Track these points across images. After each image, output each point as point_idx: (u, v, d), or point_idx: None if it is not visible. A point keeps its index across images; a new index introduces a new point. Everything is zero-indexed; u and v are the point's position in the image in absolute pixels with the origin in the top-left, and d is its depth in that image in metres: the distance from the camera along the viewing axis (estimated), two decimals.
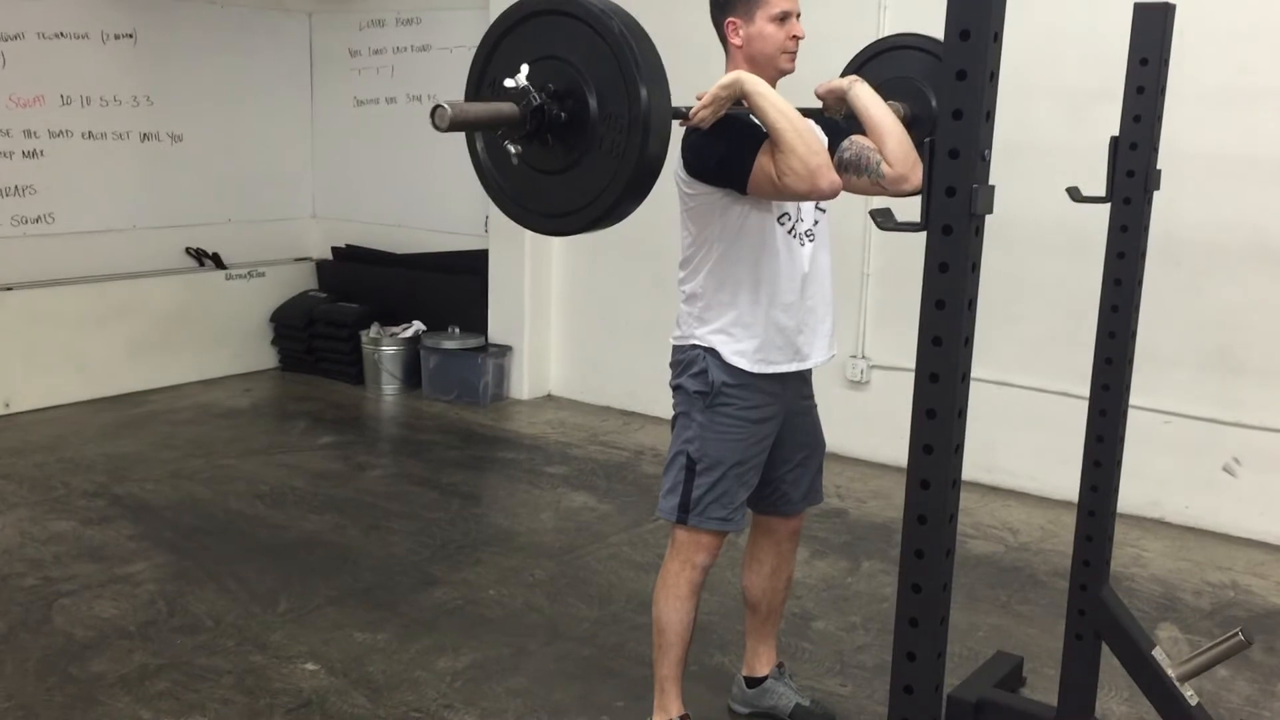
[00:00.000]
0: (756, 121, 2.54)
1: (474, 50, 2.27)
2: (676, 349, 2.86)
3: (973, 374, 2.02)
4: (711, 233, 2.71)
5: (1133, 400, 2.92)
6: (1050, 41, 4.73)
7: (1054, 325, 4.88)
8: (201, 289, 6.85)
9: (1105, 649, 2.94)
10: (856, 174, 2.68)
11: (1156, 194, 2.77)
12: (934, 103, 2.88)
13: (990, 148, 1.90)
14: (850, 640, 3.64)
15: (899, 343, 5.22)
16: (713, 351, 2.76)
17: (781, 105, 2.48)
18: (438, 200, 7.03)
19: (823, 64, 3.04)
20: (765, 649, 3.14)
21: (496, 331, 6.60)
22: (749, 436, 2.79)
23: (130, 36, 6.55)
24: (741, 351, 2.74)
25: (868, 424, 5.41)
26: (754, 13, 2.67)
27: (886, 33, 5.03)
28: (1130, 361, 2.84)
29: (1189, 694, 2.84)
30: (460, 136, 2.31)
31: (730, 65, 2.72)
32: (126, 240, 6.65)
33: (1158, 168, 2.76)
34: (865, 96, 2.68)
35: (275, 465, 5.29)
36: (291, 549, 4.32)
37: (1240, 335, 4.59)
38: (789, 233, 2.73)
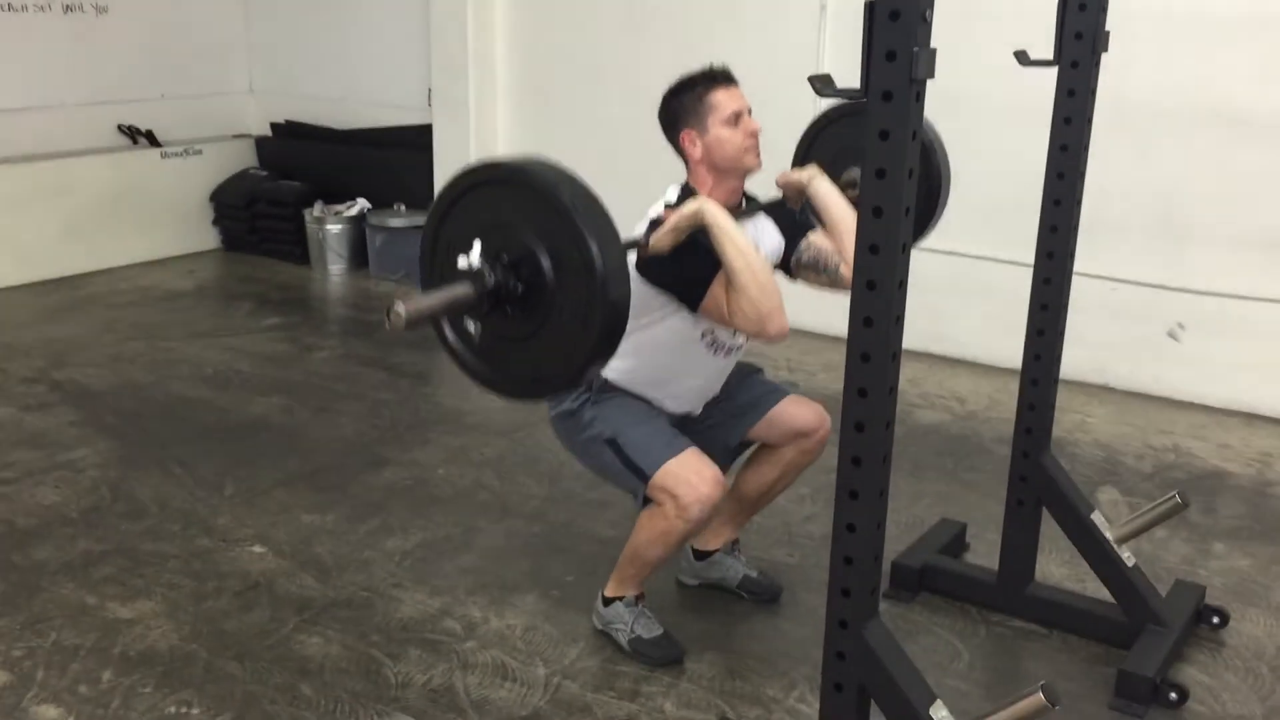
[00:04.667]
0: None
1: None
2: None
3: (919, 244, 1.99)
4: (635, 312, 2.63)
5: (1078, 267, 2.91)
6: None
7: (1001, 194, 4.83)
8: (136, 168, 6.64)
9: (1047, 514, 2.98)
10: (815, 273, 2.78)
11: (1105, 57, 2.72)
12: None
13: (931, 8, 1.83)
14: (799, 511, 3.68)
15: None
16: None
17: (740, 243, 2.46)
18: (379, 73, 6.81)
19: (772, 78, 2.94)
20: (728, 531, 3.15)
21: None
22: (649, 409, 2.78)
23: None
24: (625, 382, 2.77)
25: (819, 296, 5.38)
26: (706, 121, 2.65)
27: (828, 41, 4.98)
28: (1075, 229, 2.82)
29: (1126, 556, 2.90)
30: (402, 4, 2.19)
31: (692, 177, 2.71)
32: (54, 118, 6.41)
33: (1106, 29, 2.70)
34: (826, 193, 2.70)
35: (220, 348, 5.21)
36: (237, 432, 4.27)
37: (1186, 200, 4.58)
38: (709, 345, 2.76)
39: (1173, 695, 2.67)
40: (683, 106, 2.68)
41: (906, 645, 2.33)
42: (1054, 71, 2.73)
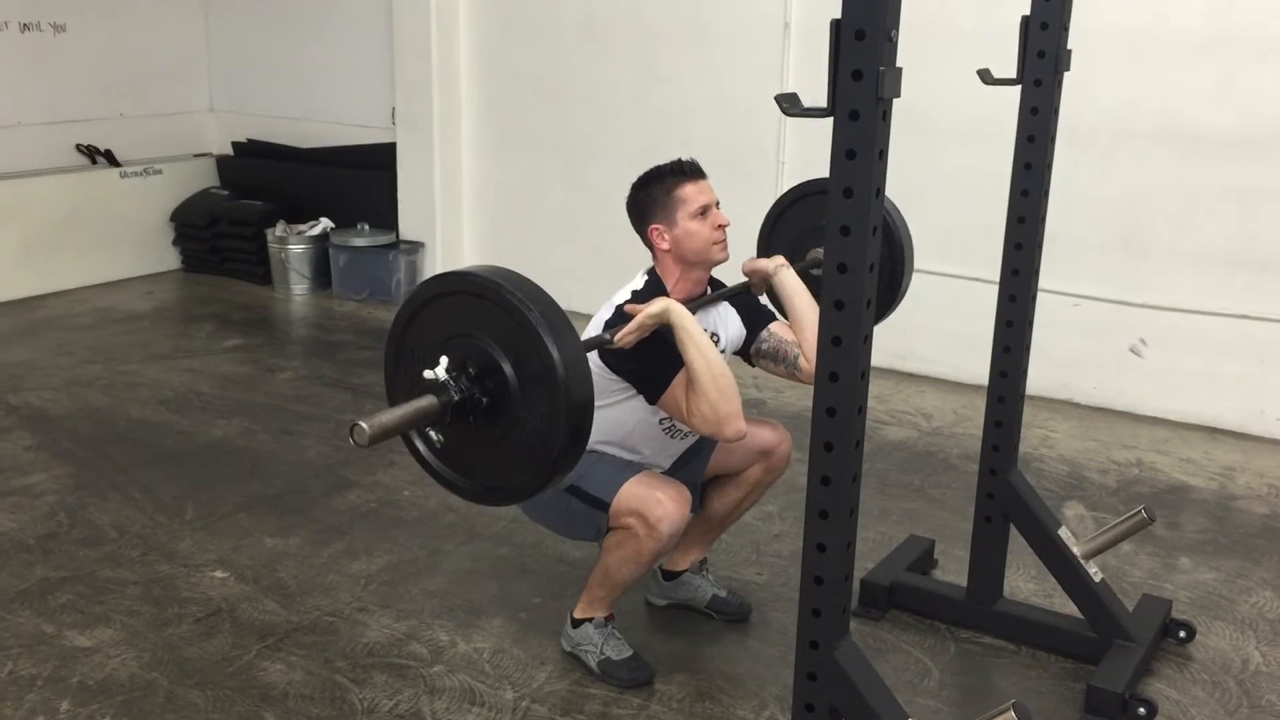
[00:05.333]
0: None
1: None
2: None
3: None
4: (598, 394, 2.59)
5: (1041, 283, 2.93)
6: None
7: (966, 211, 4.88)
8: (95, 188, 6.56)
9: (1014, 530, 2.99)
10: (774, 362, 2.78)
11: (1066, 75, 2.74)
12: None
13: (897, 28, 1.83)
14: (767, 529, 3.67)
15: None
16: None
17: (704, 347, 2.48)
18: (342, 92, 6.78)
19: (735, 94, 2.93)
20: (695, 551, 3.14)
21: (408, 227, 6.44)
22: (597, 455, 2.75)
23: None
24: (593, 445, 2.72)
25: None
26: (674, 215, 2.66)
27: (793, 59, 5.03)
28: (1040, 246, 2.84)
29: (1094, 571, 2.91)
30: (364, 26, 2.19)
31: (659, 266, 2.73)
32: (10, 138, 6.32)
33: (1068, 48, 2.72)
34: (790, 284, 2.74)
35: (180, 370, 5.14)
36: (198, 456, 4.21)
37: (1146, 217, 4.63)
38: (667, 431, 2.77)
39: (1141, 710, 2.67)
40: (651, 199, 2.70)
41: (877, 663, 2.32)
42: (1017, 90, 2.74)
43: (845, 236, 1.92)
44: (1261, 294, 4.45)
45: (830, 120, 1.87)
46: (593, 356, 2.59)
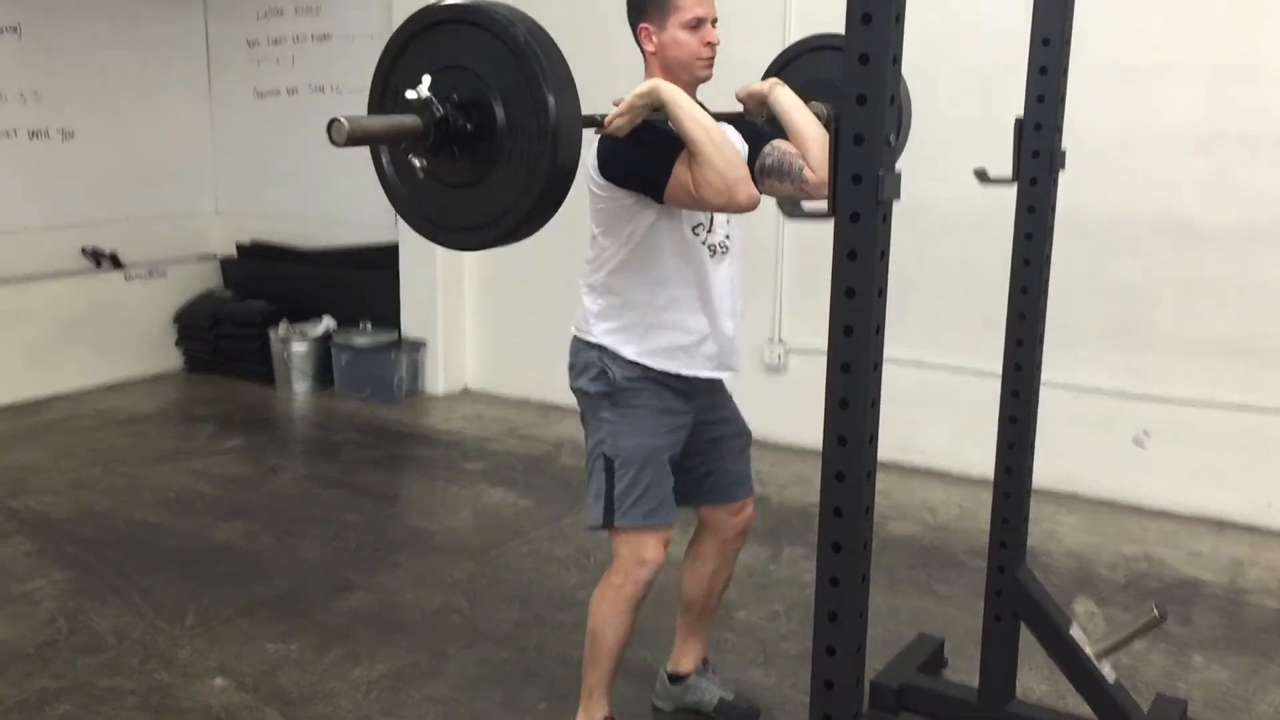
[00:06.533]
0: (673, 130, 2.48)
1: (376, 39, 2.20)
2: (574, 345, 2.80)
3: (887, 354, 1.99)
4: (620, 234, 2.65)
5: (1043, 376, 2.93)
6: (954, 22, 4.74)
7: (965, 304, 4.91)
8: (99, 290, 6.62)
9: (1025, 628, 2.95)
10: (779, 179, 2.64)
11: (1062, 170, 2.78)
12: None
13: (895, 132, 1.86)
14: (773, 629, 3.62)
15: (816, 326, 5.18)
16: (609, 352, 2.70)
17: (699, 116, 2.43)
18: (345, 193, 6.87)
19: (734, 66, 2.98)
20: (693, 646, 3.10)
21: (410, 326, 6.48)
22: (659, 426, 2.73)
23: (15, 31, 6.30)
24: (642, 352, 2.69)
25: (786, 409, 5.39)
26: (666, 19, 2.61)
27: (793, 26, 5.09)
28: (1041, 341, 2.85)
29: (1107, 671, 2.86)
30: None
31: (648, 72, 2.66)
32: (17, 242, 6.40)
33: (1062, 148, 2.76)
34: (786, 100, 2.64)
35: (181, 471, 5.13)
36: (199, 559, 4.18)
37: (1145, 308, 4.66)
38: (702, 243, 2.68)
39: None
40: None
41: None
42: (1012, 186, 2.78)
43: (848, 337, 1.93)
44: (1264, 386, 4.45)
45: None
46: (593, 181, 2.60)
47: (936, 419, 5.07)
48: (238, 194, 7.39)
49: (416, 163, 2.08)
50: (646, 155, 2.51)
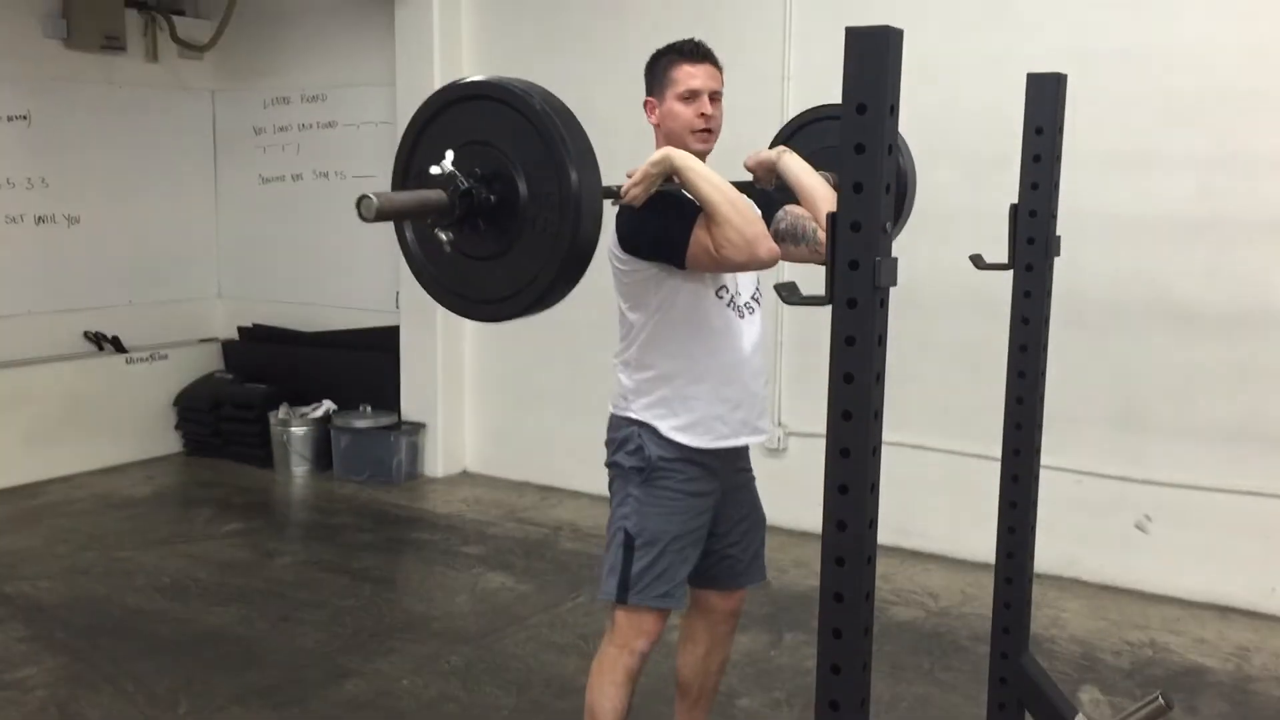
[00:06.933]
0: (689, 196, 2.53)
1: (380, 127, 2.24)
2: (613, 422, 2.81)
3: (887, 438, 1.99)
4: (648, 307, 2.68)
5: (1044, 460, 2.92)
6: (949, 110, 4.82)
7: (964, 387, 4.92)
8: (101, 374, 6.62)
9: (1029, 717, 2.90)
10: (794, 243, 2.69)
11: (1058, 256, 2.80)
12: None
13: (891, 220, 1.89)
14: (775, 717, 3.57)
15: (815, 409, 5.19)
16: (649, 427, 2.72)
17: (713, 178, 2.48)
18: (347, 277, 6.93)
19: (736, 138, 3.03)
20: None
21: (409, 408, 6.48)
22: (688, 510, 2.73)
23: (25, 118, 6.39)
24: (679, 427, 2.70)
25: (786, 492, 5.33)
26: (665, 92, 2.70)
27: (791, 104, 5.17)
28: (1040, 425, 2.85)
29: None
30: None
31: (656, 145, 2.73)
32: (19, 326, 6.41)
33: (1058, 234, 2.78)
34: (795, 166, 2.69)
35: (177, 556, 5.09)
36: (194, 645, 4.13)
37: (1145, 392, 4.66)
38: (728, 305, 2.71)
39: None
40: (653, 72, 2.75)
41: None
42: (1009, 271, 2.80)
43: (847, 422, 1.93)
44: (1266, 470, 4.44)
45: None
46: (616, 257, 2.64)
47: (937, 503, 5.05)
48: (240, 277, 7.44)
49: (443, 237, 2.12)
50: (664, 222, 2.55)
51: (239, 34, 6.94)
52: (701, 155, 2.68)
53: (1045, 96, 2.70)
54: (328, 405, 6.63)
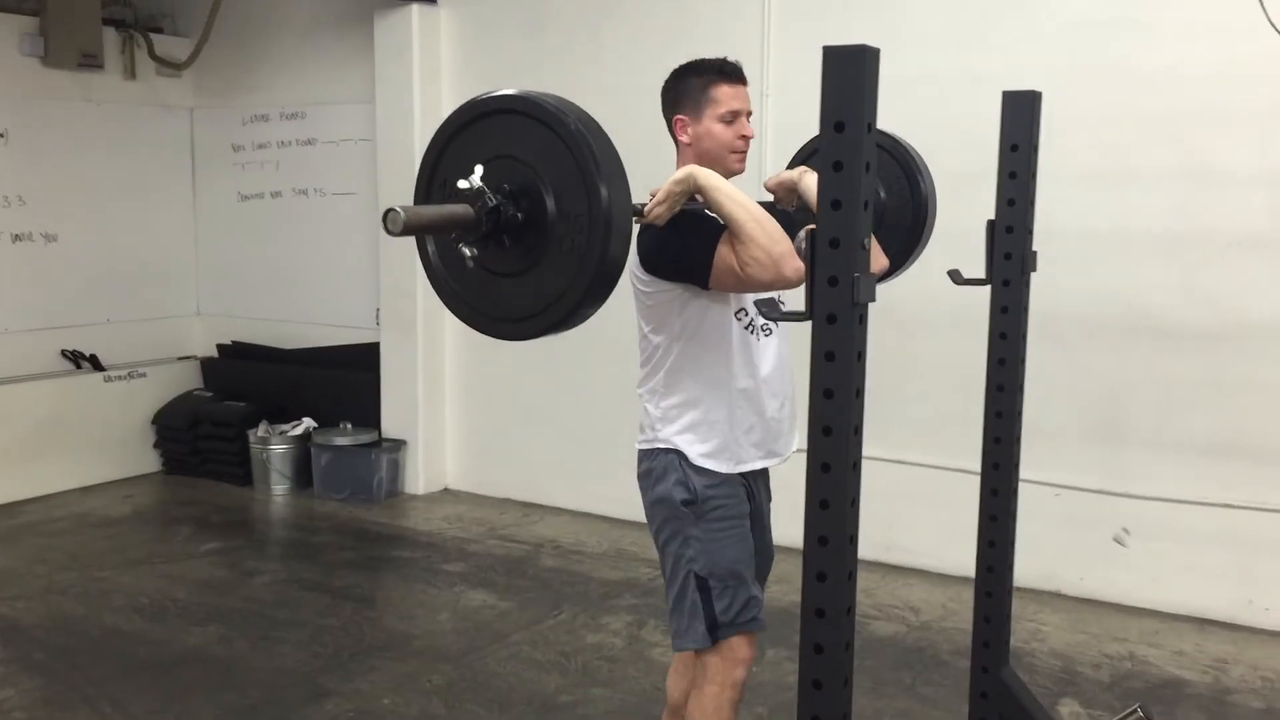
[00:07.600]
0: (711, 215, 2.51)
1: (359, 144, 2.22)
2: (644, 454, 2.75)
3: (867, 453, 2.01)
4: (670, 331, 2.65)
5: (1023, 474, 2.95)
6: (926, 127, 4.80)
7: (945, 402, 4.94)
8: (78, 392, 6.58)
9: None
10: None
11: (1034, 272, 2.82)
12: (882, 194, 2.92)
13: (870, 236, 1.90)
14: None
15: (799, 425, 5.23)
16: (681, 454, 2.68)
17: (738, 196, 2.46)
18: (327, 294, 6.91)
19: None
20: None
21: (390, 426, 6.47)
22: (743, 532, 2.71)
23: (2, 136, 6.36)
24: (708, 454, 2.67)
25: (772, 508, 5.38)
26: (702, 111, 2.65)
27: (769, 121, 5.20)
28: (1018, 440, 2.87)
29: None
30: (349, 231, 2.23)
31: (680, 162, 2.69)
32: None
33: (1034, 249, 2.81)
34: (815, 186, 2.68)
35: (156, 575, 5.06)
36: (172, 666, 4.10)
37: (1123, 406, 4.69)
38: (746, 328, 2.68)
39: None
40: (685, 89, 2.68)
41: None
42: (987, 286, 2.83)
43: (827, 437, 1.94)
44: (1243, 483, 4.48)
45: None
46: (638, 278, 2.60)
47: (918, 517, 5.07)
48: (219, 295, 7.41)
49: (467, 252, 2.08)
50: (688, 242, 2.52)
51: (217, 51, 6.93)
52: (733, 174, 2.67)
53: (1021, 114, 2.74)
54: (308, 423, 6.60)
